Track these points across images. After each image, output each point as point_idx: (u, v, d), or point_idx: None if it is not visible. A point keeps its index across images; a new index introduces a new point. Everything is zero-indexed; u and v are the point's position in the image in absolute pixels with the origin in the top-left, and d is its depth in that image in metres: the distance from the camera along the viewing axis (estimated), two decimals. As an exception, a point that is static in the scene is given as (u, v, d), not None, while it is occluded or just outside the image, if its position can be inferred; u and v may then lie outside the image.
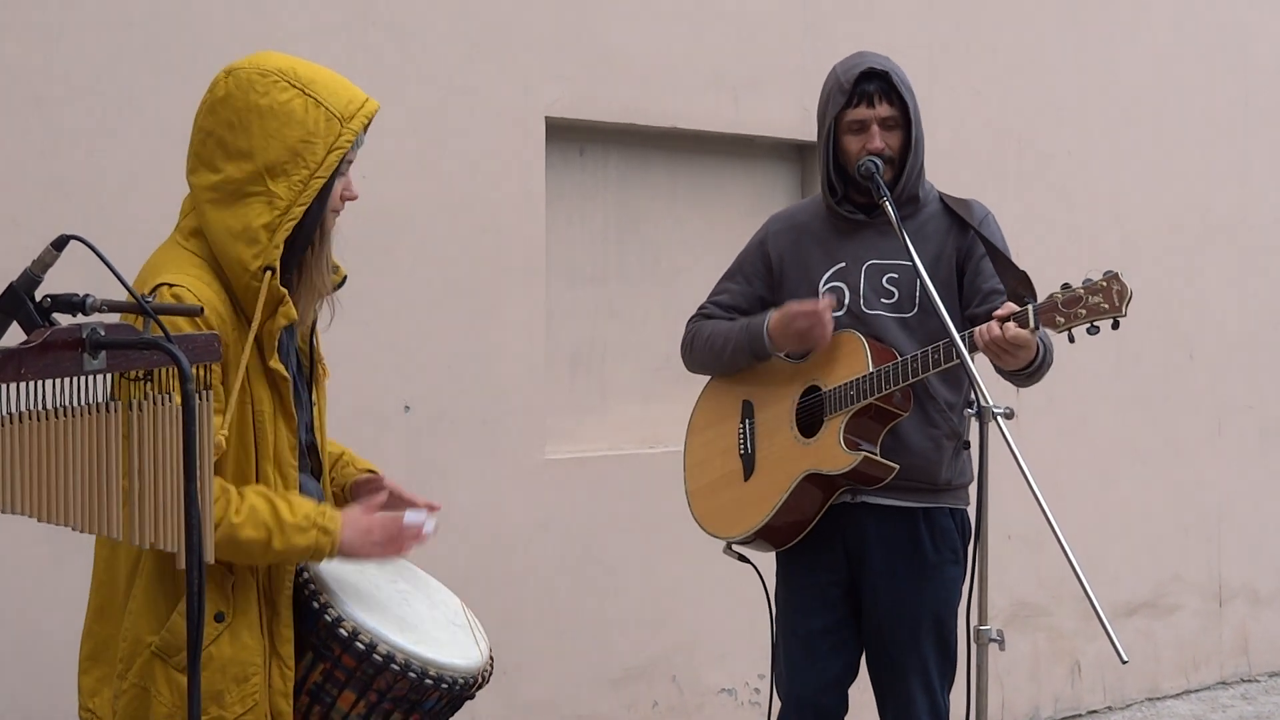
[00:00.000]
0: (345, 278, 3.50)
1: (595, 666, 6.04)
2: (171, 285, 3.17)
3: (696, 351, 4.59)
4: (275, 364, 3.25)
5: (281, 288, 3.22)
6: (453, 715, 3.45)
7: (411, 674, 3.26)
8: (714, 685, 6.37)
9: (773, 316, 4.39)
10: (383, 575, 3.49)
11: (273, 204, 3.20)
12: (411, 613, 3.44)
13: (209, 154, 3.27)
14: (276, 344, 3.26)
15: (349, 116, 3.25)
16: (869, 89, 4.28)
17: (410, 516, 3.37)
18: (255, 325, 3.19)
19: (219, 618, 3.20)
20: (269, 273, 3.19)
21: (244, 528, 3.16)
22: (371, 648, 3.25)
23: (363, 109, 3.27)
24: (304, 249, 3.28)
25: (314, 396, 3.48)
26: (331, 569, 3.39)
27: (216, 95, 3.27)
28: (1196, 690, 7.97)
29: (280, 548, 3.19)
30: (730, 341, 4.48)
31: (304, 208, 3.21)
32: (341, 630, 3.26)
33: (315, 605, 3.28)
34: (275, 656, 3.26)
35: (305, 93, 3.23)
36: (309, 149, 3.21)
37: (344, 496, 3.58)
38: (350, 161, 3.31)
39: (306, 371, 3.48)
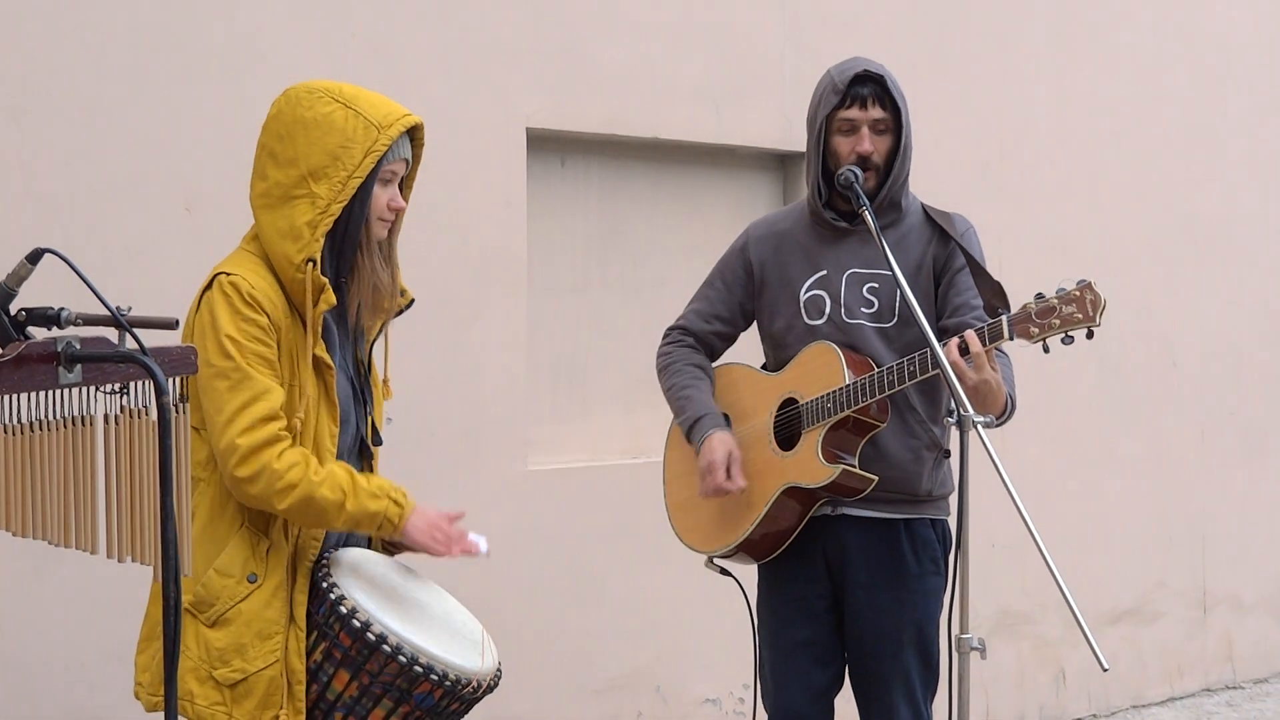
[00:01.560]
0: (412, 301, 3.79)
1: (579, 677, 6.03)
2: (229, 274, 3.46)
3: (661, 385, 4.62)
4: (320, 351, 3.51)
5: (322, 276, 3.47)
6: (454, 716, 3.52)
7: (401, 658, 3.38)
8: (698, 695, 6.35)
9: (715, 436, 4.37)
10: (406, 585, 3.63)
11: (314, 203, 3.48)
12: (423, 614, 3.55)
13: (261, 165, 3.57)
14: (320, 332, 3.51)
15: (386, 125, 3.51)
16: (863, 91, 4.28)
17: (475, 536, 3.69)
18: (310, 313, 3.46)
19: (252, 578, 3.45)
20: (310, 264, 3.46)
21: (321, 487, 3.42)
22: (366, 626, 3.39)
23: (401, 120, 3.54)
24: (353, 253, 3.55)
25: (369, 408, 3.75)
26: (357, 560, 3.57)
27: (271, 114, 3.58)
28: (1181, 698, 7.98)
29: (353, 509, 3.46)
30: (679, 416, 4.51)
31: (342, 204, 3.48)
32: (342, 607, 3.41)
33: (325, 585, 3.46)
34: (292, 620, 3.47)
35: (347, 106, 3.52)
36: (347, 153, 3.48)
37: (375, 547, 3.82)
38: (396, 172, 3.58)
39: (360, 389, 3.72)
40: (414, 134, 3.63)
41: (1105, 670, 3.67)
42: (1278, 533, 8.52)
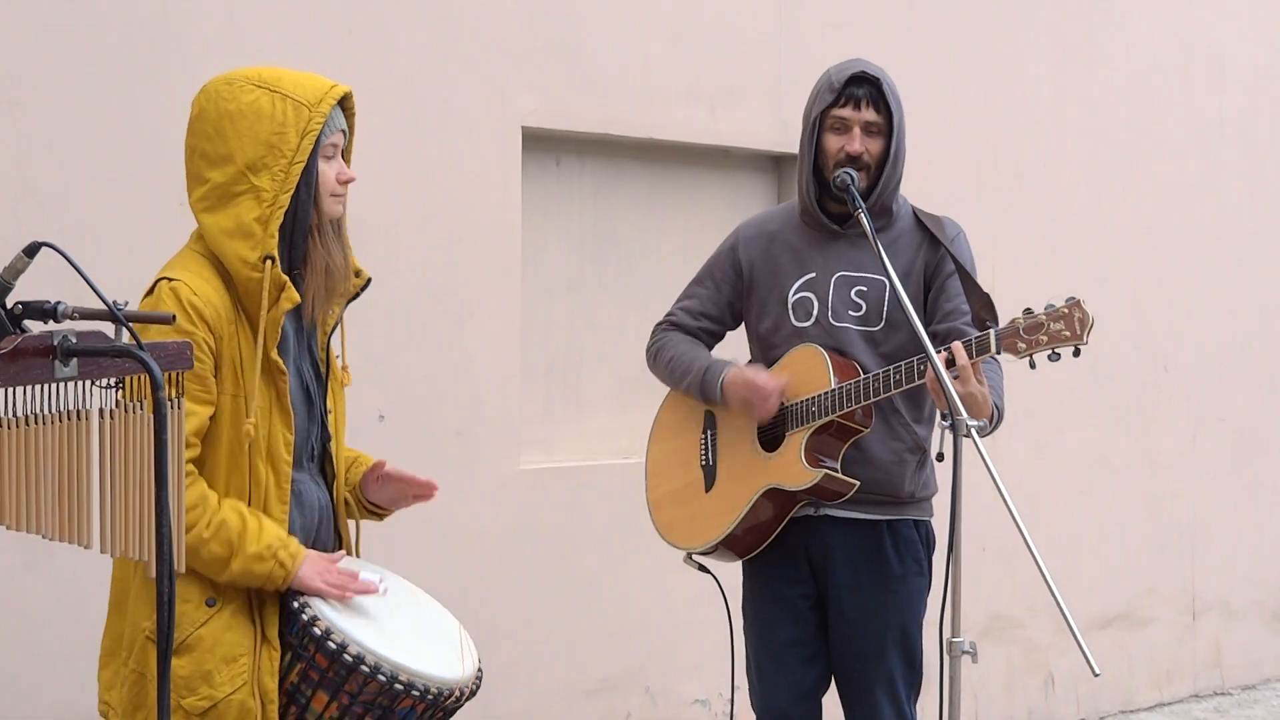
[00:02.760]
0: (369, 281, 3.62)
1: (569, 677, 6.03)
2: (170, 280, 3.33)
3: (658, 368, 4.60)
4: (274, 355, 3.38)
5: (283, 275, 3.35)
6: None
7: (381, 677, 3.30)
8: (688, 696, 6.36)
9: (729, 373, 4.38)
10: (380, 589, 3.54)
11: (260, 198, 3.35)
12: (396, 623, 3.47)
13: (195, 168, 3.43)
14: (279, 335, 3.39)
15: (316, 102, 3.39)
16: (858, 92, 4.28)
17: (366, 575, 3.48)
18: (264, 314, 3.33)
19: (210, 603, 3.33)
20: (269, 261, 3.33)
21: (210, 543, 3.30)
22: (343, 648, 3.31)
23: (329, 93, 3.41)
24: (305, 240, 3.43)
25: (330, 402, 3.60)
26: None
27: (192, 114, 3.49)
28: (1170, 703, 7.98)
29: (238, 569, 3.32)
30: (687, 377, 4.48)
31: (289, 194, 3.36)
32: (315, 629, 3.33)
33: (295, 605, 3.37)
34: (264, 640, 3.36)
35: (271, 90, 3.39)
36: (282, 139, 3.36)
37: (357, 497, 3.72)
38: (336, 145, 3.46)
39: (323, 378, 3.59)
40: (345, 103, 3.49)
41: (1096, 675, 3.67)
42: (1268, 539, 8.53)
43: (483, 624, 5.73)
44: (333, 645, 3.31)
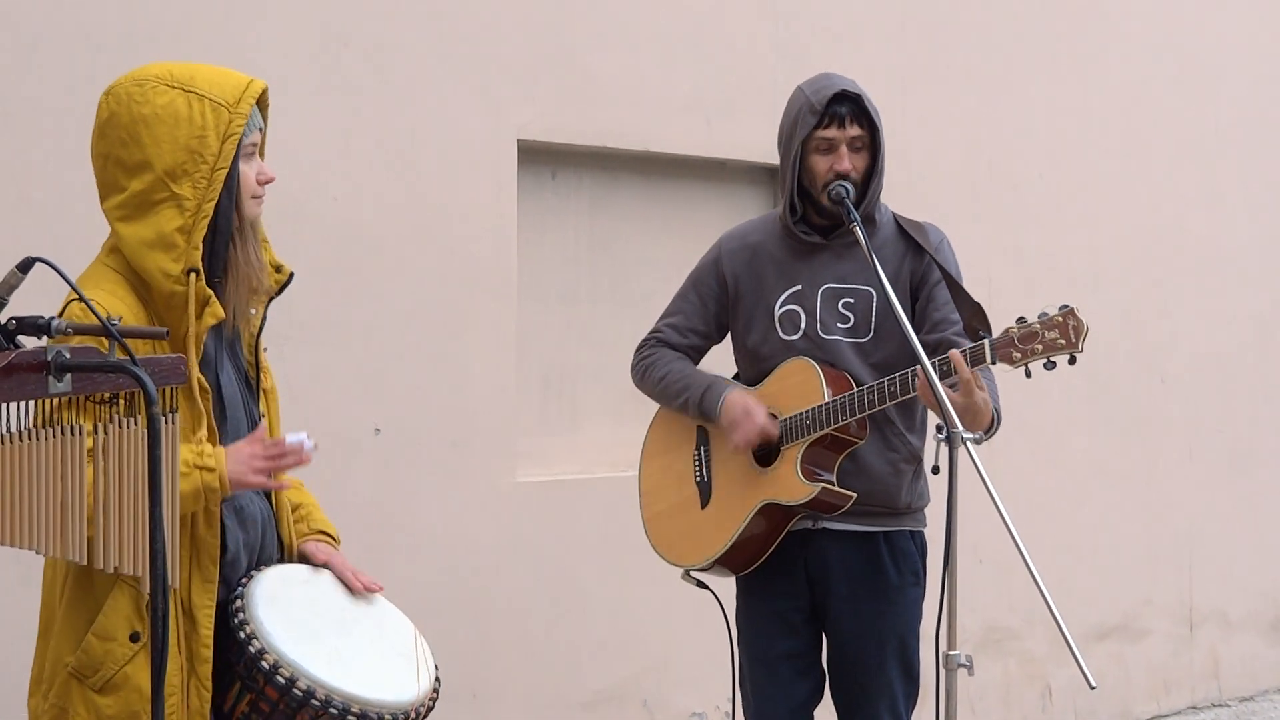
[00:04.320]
0: (291, 276, 3.47)
1: (566, 690, 6.02)
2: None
3: (647, 385, 4.58)
4: (198, 374, 3.23)
5: (207, 288, 3.22)
6: None
7: (332, 710, 3.21)
8: (684, 709, 6.35)
9: (731, 394, 4.36)
10: (331, 600, 3.44)
11: (181, 207, 3.20)
12: (349, 644, 3.37)
13: (111, 176, 3.29)
14: (201, 352, 3.24)
15: (235, 101, 3.25)
16: (840, 110, 4.27)
17: (291, 437, 3.30)
18: (191, 330, 3.19)
19: (134, 637, 3.17)
20: (193, 274, 3.19)
21: None
22: (292, 682, 3.20)
23: (247, 90, 3.28)
24: (226, 246, 3.29)
25: (261, 408, 3.46)
26: (274, 592, 3.34)
27: (102, 118, 3.30)
28: (1167, 715, 7.98)
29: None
30: (685, 394, 4.45)
31: (213, 203, 3.22)
32: (264, 662, 3.22)
33: (241, 635, 3.25)
34: (193, 675, 3.22)
35: (186, 90, 3.23)
36: (203, 144, 3.21)
37: (292, 550, 3.52)
38: (255, 144, 3.33)
39: (253, 383, 3.45)
40: (261, 98, 3.35)
41: (1093, 688, 3.67)
42: (1265, 549, 8.53)
43: (478, 637, 5.73)
44: (281, 680, 3.21)
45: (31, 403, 2.68)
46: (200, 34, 5.13)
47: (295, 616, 3.33)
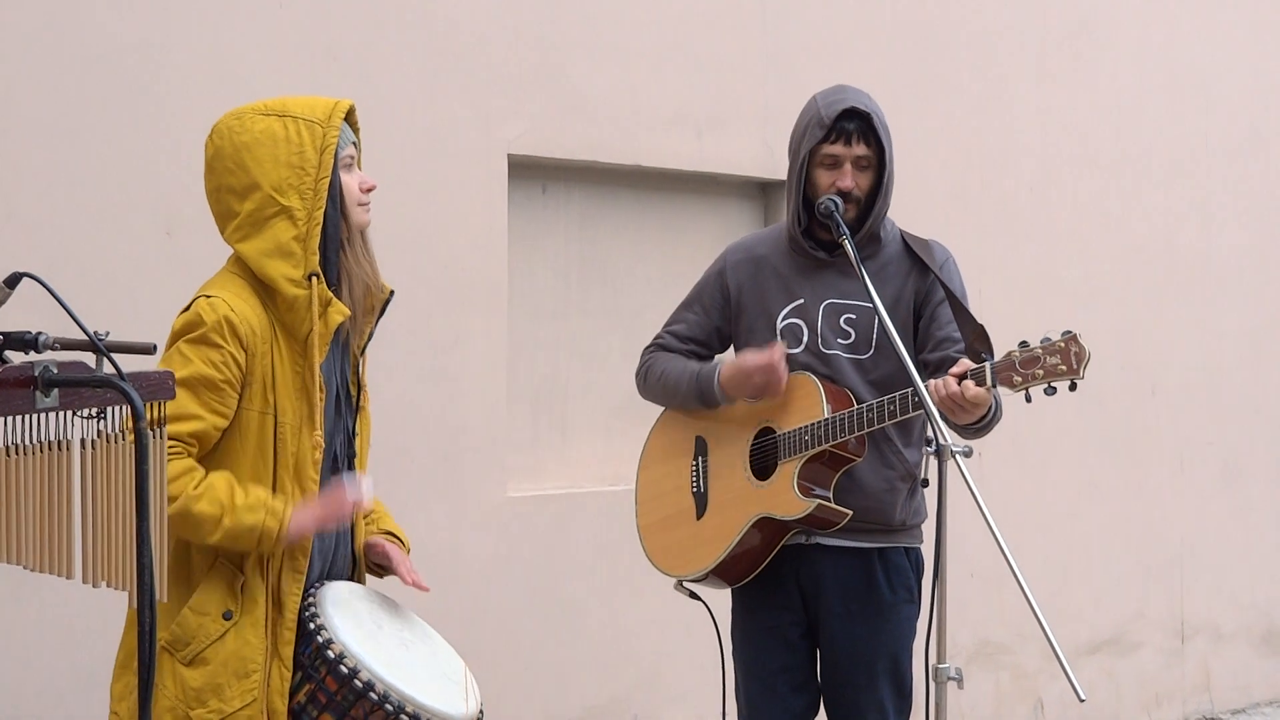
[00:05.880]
0: (392, 294, 3.73)
1: (556, 705, 6.02)
2: (209, 296, 3.42)
3: (649, 386, 4.58)
4: (319, 371, 3.46)
5: (328, 290, 3.47)
6: None
7: (388, 706, 3.34)
8: (676, 724, 6.34)
9: (724, 369, 4.36)
10: (391, 622, 3.58)
11: (293, 218, 3.44)
12: (407, 656, 3.51)
13: (225, 205, 3.51)
14: (325, 352, 3.48)
15: (326, 118, 3.49)
16: (849, 127, 4.24)
17: (364, 487, 3.57)
18: (315, 330, 3.43)
19: (227, 615, 3.39)
20: (314, 278, 3.44)
21: (199, 501, 3.33)
22: (354, 673, 3.35)
23: (336, 108, 3.52)
24: (338, 253, 3.53)
25: (358, 425, 3.70)
26: (344, 598, 3.52)
27: (209, 155, 3.53)
28: (1159, 728, 7.99)
29: (229, 524, 3.34)
30: (681, 386, 4.44)
31: (321, 210, 3.45)
32: (330, 651, 3.37)
33: (312, 626, 3.41)
34: (276, 656, 3.41)
35: (280, 115, 3.48)
36: (303, 157, 3.45)
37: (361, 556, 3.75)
38: (352, 157, 3.56)
39: (354, 398, 3.68)
40: (349, 118, 3.60)
41: (1082, 701, 3.67)
42: (1256, 562, 8.53)
43: (469, 651, 5.68)
44: (344, 669, 3.35)
45: (18, 417, 2.67)
46: (188, 49, 5.13)
47: (362, 621, 3.50)
